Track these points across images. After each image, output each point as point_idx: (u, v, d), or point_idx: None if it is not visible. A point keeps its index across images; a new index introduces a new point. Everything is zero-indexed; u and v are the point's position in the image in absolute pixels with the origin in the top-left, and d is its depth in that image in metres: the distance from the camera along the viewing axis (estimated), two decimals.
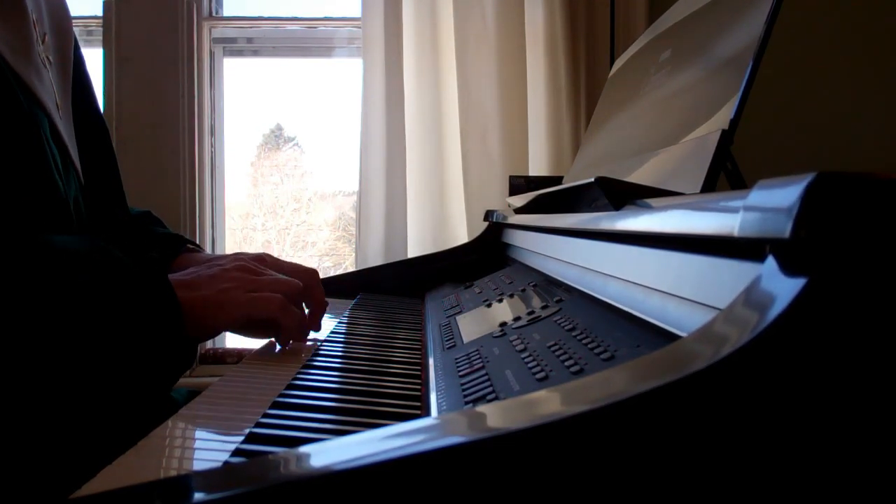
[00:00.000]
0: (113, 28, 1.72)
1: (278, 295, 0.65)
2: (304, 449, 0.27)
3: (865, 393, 0.25)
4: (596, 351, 0.44)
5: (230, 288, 0.64)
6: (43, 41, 0.71)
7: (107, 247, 0.60)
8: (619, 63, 1.16)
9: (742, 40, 0.61)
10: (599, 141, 1.07)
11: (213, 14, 1.86)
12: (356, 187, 1.73)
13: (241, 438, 0.43)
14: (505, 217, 1.19)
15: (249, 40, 1.91)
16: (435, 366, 0.60)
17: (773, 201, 0.27)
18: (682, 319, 0.38)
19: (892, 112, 1.68)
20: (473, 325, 0.71)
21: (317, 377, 0.59)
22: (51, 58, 0.72)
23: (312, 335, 0.75)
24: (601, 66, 1.65)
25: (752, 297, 0.27)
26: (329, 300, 0.83)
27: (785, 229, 0.25)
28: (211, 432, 0.46)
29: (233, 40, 1.89)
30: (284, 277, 0.70)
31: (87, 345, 0.53)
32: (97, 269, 0.56)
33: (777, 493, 0.24)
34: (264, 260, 0.79)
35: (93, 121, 0.82)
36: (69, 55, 0.78)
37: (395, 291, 1.15)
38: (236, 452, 0.41)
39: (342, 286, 1.13)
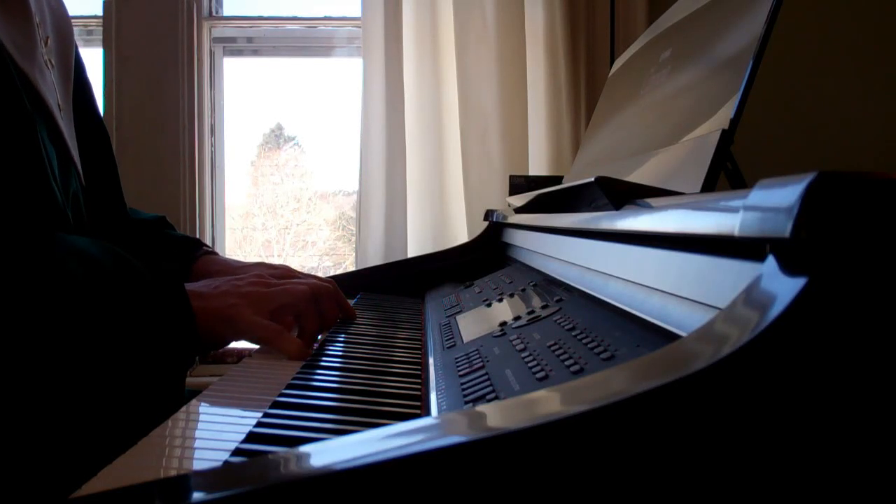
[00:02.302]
0: (113, 28, 1.72)
1: (276, 326, 0.67)
2: (303, 448, 0.27)
3: (865, 392, 0.24)
4: (596, 351, 0.44)
5: (239, 304, 0.66)
6: (46, 44, 0.71)
7: (124, 254, 0.61)
8: (619, 63, 1.16)
9: (742, 40, 0.61)
10: (599, 141, 1.07)
11: (213, 14, 1.86)
12: (356, 187, 1.73)
13: (241, 438, 0.43)
14: (505, 217, 1.19)
15: (249, 40, 1.91)
16: (435, 365, 0.60)
17: (774, 201, 0.27)
18: (683, 319, 0.38)
19: (892, 112, 1.68)
20: (473, 324, 0.71)
21: (317, 377, 0.59)
22: (52, 60, 0.73)
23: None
24: (601, 66, 1.65)
25: (753, 296, 0.27)
26: None
27: (785, 229, 0.25)
28: (211, 432, 0.46)
29: (233, 40, 1.90)
30: (293, 286, 0.72)
31: (103, 347, 0.54)
32: (117, 277, 0.58)
33: (777, 493, 0.24)
34: (288, 270, 0.83)
35: (93, 124, 0.82)
36: (70, 59, 0.79)
37: (395, 291, 1.15)
38: (236, 452, 0.41)
39: (342, 286, 1.13)
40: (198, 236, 1.77)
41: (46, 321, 0.51)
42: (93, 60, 1.13)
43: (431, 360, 0.63)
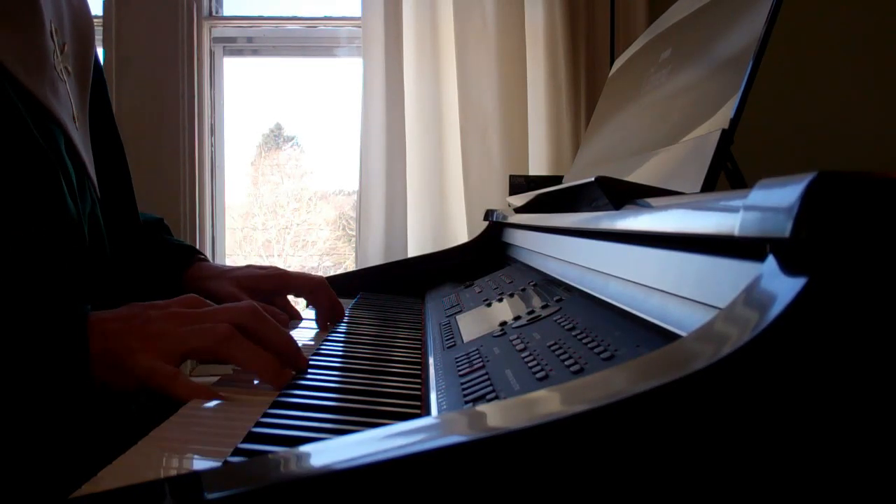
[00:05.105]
0: (113, 28, 1.72)
1: (224, 324, 0.55)
2: (303, 448, 0.27)
3: (865, 392, 0.24)
4: (596, 350, 0.44)
5: (139, 349, 0.54)
6: (62, 51, 0.69)
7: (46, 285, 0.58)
8: (619, 63, 1.16)
9: (742, 40, 0.61)
10: (599, 140, 1.07)
11: (213, 13, 1.86)
12: (356, 187, 1.73)
13: (240, 438, 0.43)
14: (505, 216, 1.19)
15: (249, 40, 1.91)
16: (435, 365, 0.60)
17: (774, 201, 0.27)
18: (683, 319, 0.38)
19: (892, 112, 1.68)
20: (473, 324, 0.71)
21: (317, 376, 0.59)
22: (69, 67, 0.71)
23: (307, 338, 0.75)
24: (601, 66, 1.65)
25: (753, 296, 0.27)
26: None
27: (785, 229, 0.25)
28: (211, 432, 0.46)
29: (233, 40, 1.90)
30: (209, 325, 0.56)
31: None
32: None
33: (777, 493, 0.24)
34: (276, 270, 0.84)
35: (108, 130, 0.81)
36: (89, 62, 0.77)
37: (396, 291, 1.15)
38: (236, 452, 0.41)
39: (342, 286, 1.13)
40: (198, 236, 1.77)
41: None
42: None
43: (431, 360, 0.63)
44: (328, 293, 0.86)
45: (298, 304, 0.96)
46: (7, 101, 0.60)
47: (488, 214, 1.33)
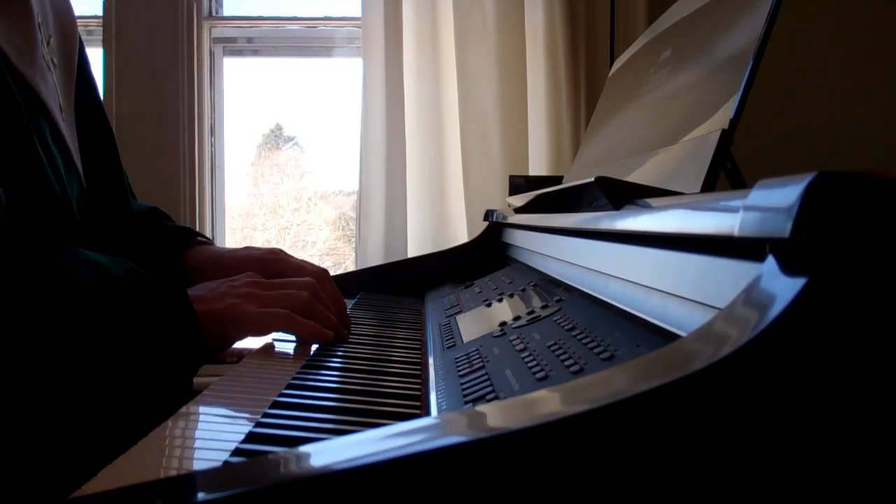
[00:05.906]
0: (113, 28, 1.72)
1: (283, 310, 0.67)
2: (303, 448, 0.27)
3: (865, 393, 0.24)
4: (596, 350, 0.44)
5: (241, 303, 0.66)
6: (48, 43, 0.71)
7: (133, 266, 0.63)
8: (619, 63, 1.16)
9: (742, 40, 0.61)
10: (599, 141, 1.07)
11: (213, 14, 1.86)
12: (356, 187, 1.73)
13: (240, 438, 0.43)
14: (505, 217, 1.19)
15: (249, 40, 1.91)
16: (435, 365, 0.60)
17: (773, 201, 0.27)
18: (682, 319, 0.38)
19: (892, 112, 1.68)
20: (473, 324, 0.71)
21: (317, 377, 0.59)
22: (55, 60, 0.73)
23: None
24: (601, 66, 1.65)
25: (752, 296, 0.27)
26: None
27: (785, 229, 0.25)
28: (211, 432, 0.46)
29: (233, 40, 1.90)
30: (292, 291, 0.70)
31: (111, 354, 0.56)
32: (120, 286, 0.59)
33: (776, 493, 0.24)
34: (276, 253, 0.85)
35: (96, 122, 0.82)
36: (73, 57, 0.79)
37: (395, 291, 1.15)
38: (236, 452, 0.41)
39: (342, 286, 1.13)
40: None
41: (56, 328, 0.53)
42: (93, 60, 1.12)
43: (431, 360, 0.63)
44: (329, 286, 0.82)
45: None
46: (3, 84, 0.61)
47: (488, 214, 1.33)
